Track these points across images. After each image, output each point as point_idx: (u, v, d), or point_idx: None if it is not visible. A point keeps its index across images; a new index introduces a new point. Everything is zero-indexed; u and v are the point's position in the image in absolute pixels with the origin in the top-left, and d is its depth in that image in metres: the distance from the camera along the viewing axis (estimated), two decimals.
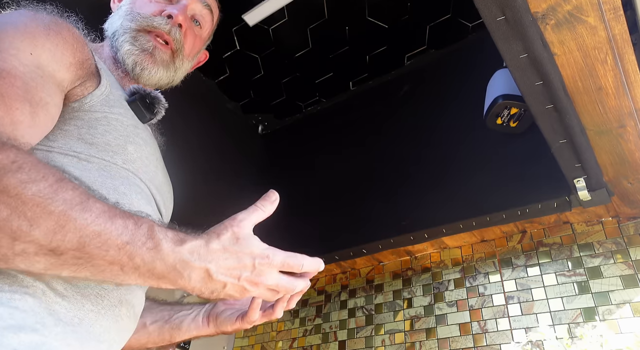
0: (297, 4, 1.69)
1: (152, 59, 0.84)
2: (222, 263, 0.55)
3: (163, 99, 0.82)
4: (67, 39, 0.64)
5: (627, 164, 1.20)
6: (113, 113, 0.70)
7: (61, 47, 0.63)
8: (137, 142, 0.72)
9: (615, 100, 1.01)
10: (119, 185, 0.65)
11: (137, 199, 0.68)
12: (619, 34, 0.87)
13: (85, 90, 0.67)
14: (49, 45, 0.61)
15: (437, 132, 1.74)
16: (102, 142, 0.65)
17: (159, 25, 0.84)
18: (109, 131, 0.67)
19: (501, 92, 1.44)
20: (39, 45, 0.60)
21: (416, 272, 1.72)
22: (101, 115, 0.68)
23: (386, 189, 1.74)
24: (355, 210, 1.76)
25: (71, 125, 0.64)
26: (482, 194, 1.48)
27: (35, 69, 0.58)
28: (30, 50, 0.59)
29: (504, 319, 1.44)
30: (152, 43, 0.84)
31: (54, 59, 0.62)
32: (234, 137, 2.22)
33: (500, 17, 0.86)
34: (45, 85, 0.59)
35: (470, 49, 1.83)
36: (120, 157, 0.67)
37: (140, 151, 0.72)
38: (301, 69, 2.02)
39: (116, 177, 0.65)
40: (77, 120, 0.65)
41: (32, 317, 0.50)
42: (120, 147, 0.67)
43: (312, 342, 1.80)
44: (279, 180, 2.17)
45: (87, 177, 0.61)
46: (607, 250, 1.39)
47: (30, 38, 0.60)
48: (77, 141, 0.63)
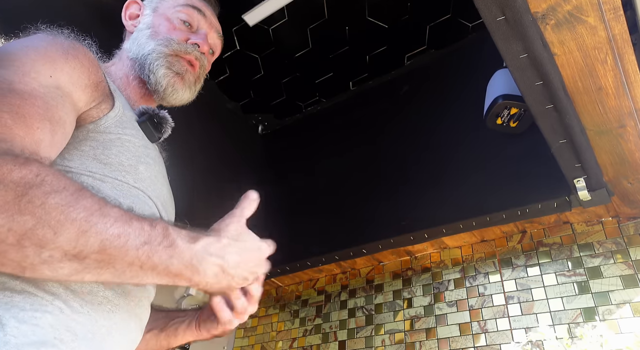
0: (297, 4, 1.69)
1: (182, 81, 0.90)
2: (233, 257, 0.61)
3: (170, 119, 0.87)
4: (83, 62, 0.69)
5: (627, 164, 1.20)
6: (126, 134, 0.74)
7: (78, 70, 0.67)
8: (148, 161, 0.76)
9: (615, 100, 1.01)
10: (130, 203, 0.69)
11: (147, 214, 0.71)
12: (619, 34, 0.87)
13: (100, 112, 0.71)
14: (67, 69, 0.66)
15: (437, 132, 1.74)
16: (116, 162, 0.69)
17: (191, 51, 0.91)
18: (122, 152, 0.71)
19: (501, 92, 1.44)
20: (58, 68, 0.65)
21: (416, 272, 1.72)
22: (115, 136, 0.72)
23: (386, 189, 1.74)
24: (355, 210, 1.77)
25: (87, 145, 0.68)
26: (482, 194, 1.48)
27: (55, 89, 0.62)
28: (50, 73, 0.63)
29: (504, 319, 1.44)
30: (185, 67, 0.90)
31: (71, 80, 0.66)
32: (234, 137, 2.22)
33: (500, 17, 0.86)
34: (65, 105, 0.63)
35: (470, 49, 1.83)
36: (131, 177, 0.71)
37: (150, 170, 0.76)
38: (301, 69, 2.02)
39: (128, 196, 0.69)
40: (92, 141, 0.69)
41: (52, 333, 0.53)
42: (132, 167, 0.72)
43: (312, 342, 1.80)
44: (279, 180, 2.17)
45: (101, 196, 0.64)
46: (607, 250, 1.39)
47: (51, 62, 0.64)
48: (92, 161, 0.67)
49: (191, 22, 0.95)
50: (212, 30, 0.99)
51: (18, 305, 0.52)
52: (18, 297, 0.52)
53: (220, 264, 0.59)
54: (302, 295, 1.97)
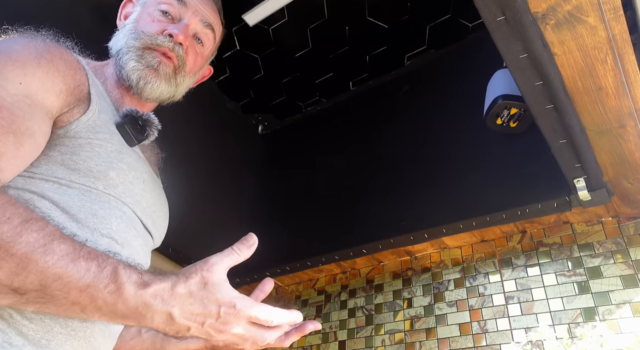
0: (297, 4, 1.69)
1: (156, 74, 0.86)
2: (186, 308, 0.55)
3: (156, 121, 0.83)
4: (58, 66, 0.66)
5: (627, 164, 1.20)
6: (98, 139, 0.71)
7: (52, 75, 0.65)
8: (120, 167, 0.72)
9: (615, 100, 1.01)
10: (98, 209, 0.67)
11: (117, 223, 0.69)
12: (619, 34, 0.87)
13: (71, 117, 0.69)
14: (40, 74, 0.63)
15: (436, 132, 1.74)
16: (84, 168, 0.67)
17: (162, 43, 0.87)
18: (91, 157, 0.69)
19: (501, 92, 1.44)
20: (29, 73, 0.62)
21: (416, 272, 1.72)
22: (85, 141, 0.69)
23: (386, 189, 1.74)
24: (356, 210, 1.76)
25: (55, 151, 0.66)
26: (482, 194, 1.48)
27: (24, 98, 0.60)
28: (19, 79, 0.60)
29: (504, 319, 1.44)
30: (157, 59, 0.86)
31: (43, 87, 0.63)
32: (234, 137, 2.22)
33: (500, 17, 0.86)
34: (34, 114, 0.60)
35: (470, 49, 1.82)
36: (101, 183, 0.68)
37: (124, 176, 0.73)
38: (301, 69, 2.02)
39: (96, 202, 0.67)
40: (61, 146, 0.66)
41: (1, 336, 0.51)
42: (101, 173, 0.69)
43: (312, 342, 1.80)
44: (279, 180, 2.17)
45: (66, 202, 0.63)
46: (607, 250, 1.39)
47: (21, 67, 0.62)
48: (59, 167, 0.65)
49: (171, 12, 0.91)
50: (195, 19, 0.93)
51: None
52: None
53: (168, 312, 0.54)
54: (302, 295, 1.97)
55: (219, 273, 0.59)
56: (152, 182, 0.84)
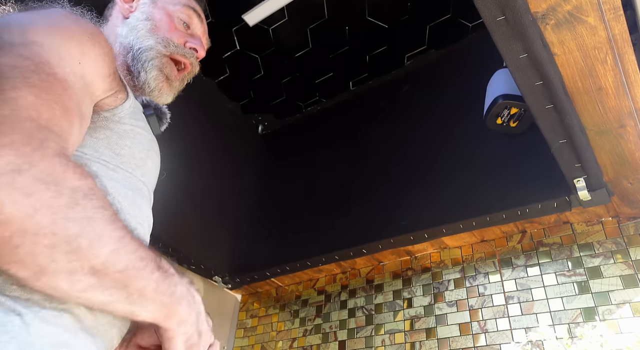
0: (297, 4, 1.69)
1: (170, 87, 0.89)
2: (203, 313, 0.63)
3: (168, 115, 0.87)
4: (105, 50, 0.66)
5: (627, 164, 1.20)
6: (139, 126, 0.73)
7: (101, 58, 0.65)
8: (154, 156, 0.76)
9: (615, 100, 1.01)
10: (136, 197, 0.69)
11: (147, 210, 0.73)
12: (619, 34, 0.87)
13: (117, 101, 0.70)
14: (93, 56, 0.63)
15: (437, 132, 1.74)
16: (129, 154, 0.69)
17: (188, 55, 0.90)
18: (135, 144, 0.71)
19: (501, 92, 1.44)
20: (86, 53, 0.62)
21: (416, 272, 1.72)
22: (129, 128, 0.71)
23: (386, 189, 1.74)
24: (356, 210, 1.77)
25: (101, 133, 0.67)
26: (482, 194, 1.48)
27: (80, 79, 0.60)
28: (79, 58, 0.60)
29: (504, 319, 1.44)
30: (174, 73, 0.89)
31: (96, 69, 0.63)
32: (234, 137, 2.22)
33: (500, 17, 0.86)
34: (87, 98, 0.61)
35: (470, 49, 1.83)
36: (140, 171, 0.71)
37: (154, 165, 0.77)
38: (301, 69, 2.02)
39: (134, 189, 0.69)
40: (106, 129, 0.68)
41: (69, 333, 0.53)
42: (142, 161, 0.72)
43: (312, 342, 1.80)
44: (279, 180, 2.17)
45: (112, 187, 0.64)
46: (607, 250, 1.39)
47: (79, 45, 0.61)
48: (105, 150, 0.66)
49: (190, 24, 0.93)
50: (204, 36, 0.98)
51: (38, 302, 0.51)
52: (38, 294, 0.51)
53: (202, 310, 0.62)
54: (302, 295, 1.97)
55: None
56: None
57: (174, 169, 1.68)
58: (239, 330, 2.06)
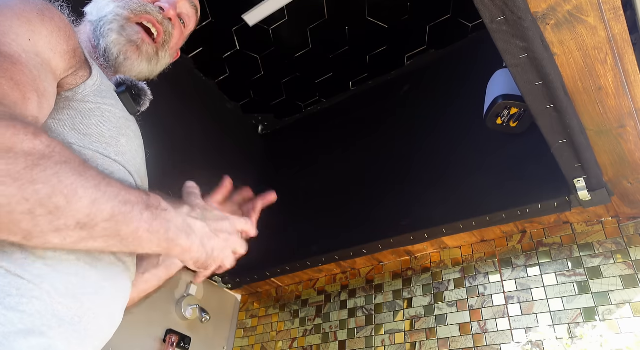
0: (297, 4, 1.69)
1: (138, 51, 0.83)
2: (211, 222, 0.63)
3: (149, 91, 0.81)
4: (60, 26, 0.63)
5: (627, 164, 1.20)
6: (106, 104, 0.69)
7: (55, 34, 0.62)
8: (128, 134, 0.72)
9: (615, 100, 1.01)
10: None
11: None
12: (619, 34, 0.87)
13: (78, 79, 0.67)
14: (45, 32, 0.60)
15: (437, 132, 1.74)
16: (97, 133, 0.65)
17: (152, 12, 0.84)
18: (103, 122, 0.67)
19: (501, 92, 1.44)
20: (36, 31, 0.59)
21: (416, 272, 1.72)
22: (94, 106, 0.67)
23: (386, 189, 1.74)
24: (355, 210, 1.77)
25: (64, 114, 0.64)
26: (482, 194, 1.48)
27: (35, 56, 0.58)
28: (28, 35, 0.58)
29: (504, 319, 1.44)
30: (140, 36, 0.82)
31: (49, 46, 0.61)
32: (234, 137, 2.22)
33: (500, 17, 0.86)
34: (47, 75, 0.59)
35: (470, 49, 1.83)
36: (112, 149, 0.67)
37: (131, 144, 0.72)
38: (301, 69, 2.02)
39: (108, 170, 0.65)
40: (70, 109, 0.64)
41: (39, 320, 0.51)
42: (113, 139, 0.67)
43: (312, 342, 1.80)
44: (278, 180, 2.17)
45: None
46: (607, 250, 1.39)
47: (27, 23, 0.59)
48: (70, 131, 0.63)
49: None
50: None
51: (4, 289, 0.50)
52: (3, 281, 0.50)
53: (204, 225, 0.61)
54: (302, 295, 1.97)
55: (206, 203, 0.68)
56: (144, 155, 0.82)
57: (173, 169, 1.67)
58: (239, 330, 2.06)
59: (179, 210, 0.59)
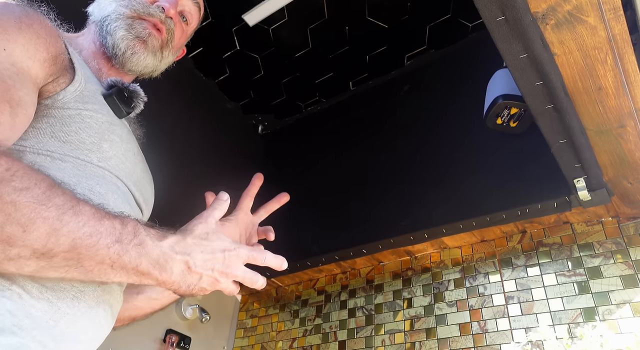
0: (297, 4, 1.69)
1: (144, 45, 0.83)
2: (198, 256, 0.59)
3: (142, 93, 0.81)
4: (39, 32, 0.62)
5: (627, 164, 1.20)
6: (87, 109, 0.68)
7: (34, 41, 0.61)
8: (113, 139, 0.71)
9: (615, 100, 1.01)
10: (94, 185, 0.65)
11: (114, 199, 0.68)
12: (619, 34, 0.87)
13: (57, 87, 0.66)
14: (22, 40, 0.59)
15: (437, 132, 1.74)
16: (76, 140, 0.64)
17: (154, 13, 0.84)
18: (83, 129, 0.66)
19: (501, 92, 1.44)
20: (12, 39, 0.58)
21: (416, 272, 1.72)
22: (74, 112, 0.66)
23: (386, 189, 1.74)
24: (355, 210, 1.76)
25: (43, 123, 0.63)
26: (482, 194, 1.47)
27: (10, 66, 0.57)
28: (3, 45, 0.57)
29: (504, 319, 1.44)
30: (147, 30, 0.83)
31: (27, 54, 0.59)
32: (234, 137, 2.22)
33: (500, 17, 0.86)
34: (23, 83, 0.58)
35: (470, 49, 1.82)
36: (95, 155, 0.66)
37: (116, 148, 0.71)
38: (301, 69, 2.02)
39: (91, 177, 0.65)
40: (49, 117, 0.64)
41: (10, 319, 0.50)
42: (94, 145, 0.66)
43: (312, 342, 1.80)
44: (278, 180, 2.17)
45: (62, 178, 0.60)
46: (607, 250, 1.39)
47: (2, 32, 0.58)
48: (50, 139, 0.62)
49: None
50: None
51: None
52: None
53: (186, 260, 0.58)
54: (302, 295, 1.97)
55: (214, 223, 0.65)
56: (140, 156, 0.82)
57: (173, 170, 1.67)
58: (239, 330, 2.06)
59: (160, 242, 0.56)
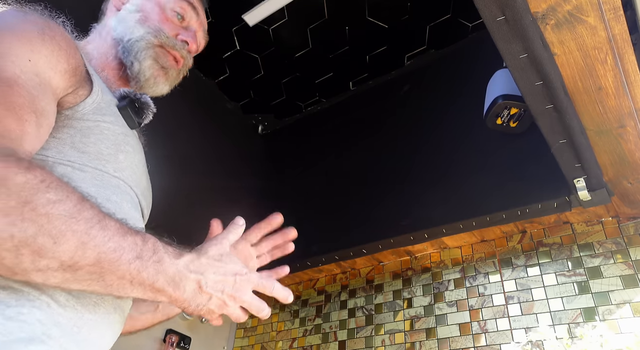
0: (297, 4, 1.69)
1: (166, 76, 0.88)
2: (210, 276, 0.61)
3: (152, 104, 0.84)
4: (61, 44, 0.64)
5: (627, 164, 1.20)
6: (105, 121, 0.70)
7: (56, 53, 0.63)
8: (127, 150, 0.73)
9: (615, 100, 1.01)
10: (110, 194, 0.67)
11: (128, 208, 0.70)
12: (619, 34, 0.87)
13: (77, 98, 0.67)
14: (45, 52, 0.61)
15: (437, 132, 1.74)
16: (95, 151, 0.67)
17: (179, 49, 0.89)
18: (101, 140, 0.68)
19: (501, 92, 1.44)
20: (36, 51, 0.60)
21: (416, 272, 1.72)
22: (93, 124, 0.68)
23: (386, 189, 1.74)
24: (355, 210, 1.76)
25: (64, 133, 0.65)
26: (482, 194, 1.48)
27: (34, 76, 0.58)
28: (28, 56, 0.59)
29: (504, 319, 1.44)
30: (170, 63, 0.88)
31: (49, 65, 0.61)
32: (234, 137, 2.22)
33: (500, 17, 0.86)
34: (46, 94, 0.59)
35: (470, 49, 1.82)
36: (111, 166, 0.68)
37: (130, 159, 0.73)
38: (301, 69, 2.02)
39: (108, 187, 0.67)
40: (69, 128, 0.66)
41: (40, 328, 0.52)
42: (111, 156, 0.69)
43: (312, 342, 1.80)
44: (278, 180, 2.17)
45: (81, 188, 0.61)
46: (607, 250, 1.39)
47: (27, 43, 0.59)
48: (70, 149, 0.64)
49: (184, 16, 0.92)
50: (200, 29, 0.96)
51: (3, 301, 0.50)
52: (3, 293, 0.51)
53: (198, 279, 0.59)
54: (302, 295, 1.97)
55: (227, 246, 0.66)
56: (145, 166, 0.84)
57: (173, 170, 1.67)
58: (239, 330, 2.06)
59: (177, 260, 0.58)
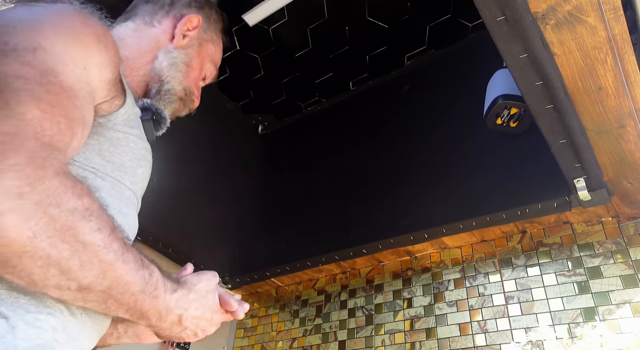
0: (297, 4, 1.69)
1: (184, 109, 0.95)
2: (192, 312, 0.65)
3: (167, 117, 0.87)
4: (111, 53, 0.64)
5: (627, 164, 1.20)
6: (132, 134, 0.72)
7: (106, 63, 0.63)
8: (145, 165, 0.76)
9: (615, 100, 1.01)
10: (123, 206, 0.69)
11: (133, 220, 0.73)
12: (619, 34, 0.87)
13: (112, 107, 0.68)
14: (98, 60, 0.61)
15: (437, 132, 1.74)
16: (119, 162, 0.69)
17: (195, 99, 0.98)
18: (126, 152, 0.70)
19: (501, 92, 1.44)
20: (91, 58, 0.60)
21: (416, 272, 1.72)
22: (122, 135, 0.70)
23: (386, 189, 1.74)
24: (355, 210, 1.76)
25: (93, 139, 0.66)
26: (482, 194, 1.48)
27: (86, 85, 0.59)
28: (84, 64, 0.58)
29: (504, 319, 1.44)
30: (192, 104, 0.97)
31: (99, 75, 0.62)
32: (234, 137, 2.22)
33: (500, 17, 0.86)
34: (90, 104, 0.61)
35: (470, 49, 1.83)
36: (129, 178, 0.71)
37: (145, 173, 0.76)
38: (301, 69, 2.02)
39: (122, 198, 0.69)
40: (99, 136, 0.67)
41: (52, 335, 0.55)
42: (132, 169, 0.71)
43: (312, 342, 1.80)
44: (278, 180, 2.17)
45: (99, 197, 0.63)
46: (607, 250, 1.39)
47: (85, 49, 0.59)
48: (95, 156, 0.65)
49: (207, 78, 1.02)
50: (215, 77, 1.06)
51: (23, 306, 0.52)
52: (24, 298, 0.52)
53: (180, 314, 0.63)
54: (302, 295, 1.97)
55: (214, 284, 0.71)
56: None
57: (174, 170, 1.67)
58: (239, 330, 2.06)
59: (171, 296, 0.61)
